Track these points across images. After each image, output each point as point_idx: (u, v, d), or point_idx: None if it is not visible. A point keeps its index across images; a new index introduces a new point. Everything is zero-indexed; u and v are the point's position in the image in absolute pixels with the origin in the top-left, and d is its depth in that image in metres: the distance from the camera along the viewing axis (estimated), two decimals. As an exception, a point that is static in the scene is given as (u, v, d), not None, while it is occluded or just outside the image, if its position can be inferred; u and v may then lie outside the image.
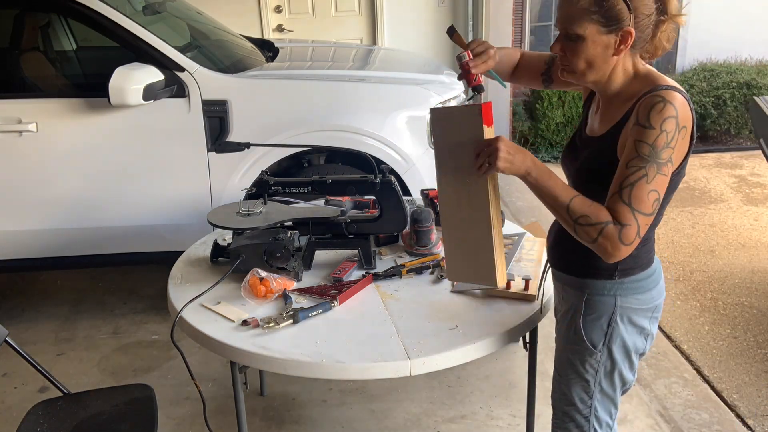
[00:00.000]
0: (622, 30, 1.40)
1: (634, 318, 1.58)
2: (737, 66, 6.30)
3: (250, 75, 3.24)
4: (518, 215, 4.57)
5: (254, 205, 2.18)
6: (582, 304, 1.59)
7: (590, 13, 1.40)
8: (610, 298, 1.56)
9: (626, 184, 1.38)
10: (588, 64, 1.45)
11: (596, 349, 1.60)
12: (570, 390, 1.67)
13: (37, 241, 3.18)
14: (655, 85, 1.43)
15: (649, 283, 1.58)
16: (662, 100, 1.37)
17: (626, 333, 1.58)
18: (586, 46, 1.43)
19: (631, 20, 1.39)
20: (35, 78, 3.38)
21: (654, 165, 1.37)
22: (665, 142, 1.37)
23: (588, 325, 1.59)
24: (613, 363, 1.61)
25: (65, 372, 3.01)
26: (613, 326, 1.57)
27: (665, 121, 1.36)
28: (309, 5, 5.66)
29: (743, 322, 3.27)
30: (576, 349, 1.63)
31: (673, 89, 1.40)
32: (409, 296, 1.92)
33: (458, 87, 3.53)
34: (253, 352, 1.68)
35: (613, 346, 1.59)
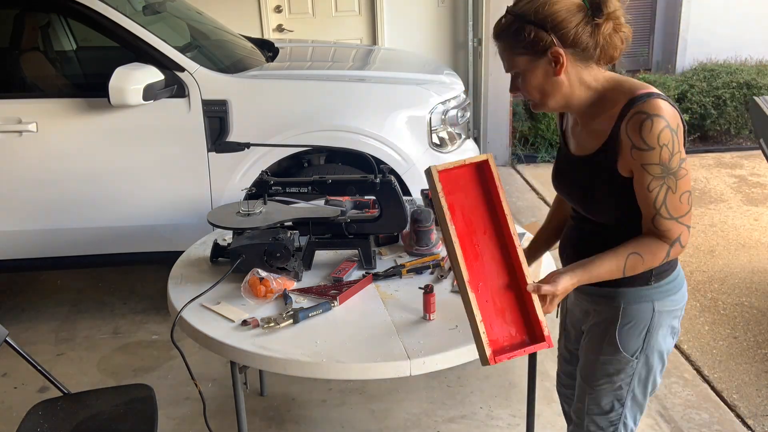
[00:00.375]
0: (549, 52, 1.41)
1: (669, 320, 1.57)
2: (737, 66, 6.30)
3: (250, 75, 3.24)
4: (518, 215, 4.57)
5: (254, 205, 2.18)
6: (618, 314, 1.56)
7: (514, 50, 1.44)
8: (648, 304, 1.55)
9: (659, 204, 1.42)
10: (540, 92, 1.47)
11: (633, 357, 1.57)
12: (600, 399, 1.64)
13: (37, 241, 3.18)
14: (631, 95, 1.41)
15: (678, 283, 1.58)
16: (648, 117, 1.37)
17: (662, 337, 1.57)
18: (528, 79, 1.45)
19: (552, 40, 1.40)
20: (35, 78, 3.38)
21: (671, 176, 1.40)
22: (670, 153, 1.39)
23: (625, 334, 1.56)
24: (649, 369, 1.60)
25: (65, 372, 3.01)
26: (651, 333, 1.55)
27: (660, 135, 1.37)
28: (309, 5, 5.66)
29: (743, 322, 3.27)
30: (611, 359, 1.59)
31: (651, 96, 1.39)
32: (409, 296, 1.92)
33: (458, 87, 3.53)
34: (253, 352, 1.68)
35: (650, 352, 1.57)
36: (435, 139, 3.29)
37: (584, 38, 1.40)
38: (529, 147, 5.91)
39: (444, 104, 3.31)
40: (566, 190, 1.62)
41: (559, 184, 1.64)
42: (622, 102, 1.43)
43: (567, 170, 1.61)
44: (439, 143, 3.31)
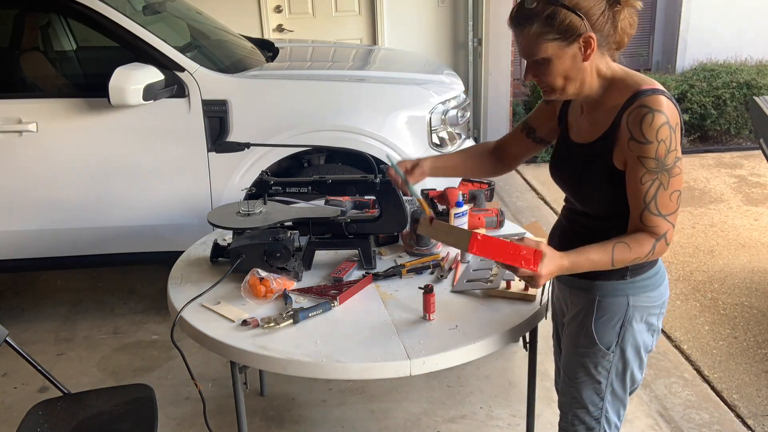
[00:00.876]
0: (582, 37, 1.41)
1: (646, 316, 1.58)
2: (737, 66, 6.30)
3: (250, 75, 3.24)
4: (518, 215, 4.57)
5: (254, 205, 2.18)
6: (594, 307, 1.58)
7: (545, 35, 1.41)
8: (623, 298, 1.56)
9: (649, 198, 1.43)
10: (564, 78, 1.46)
11: (609, 351, 1.59)
12: (581, 393, 1.66)
13: (37, 241, 3.18)
14: (636, 89, 1.43)
15: (657, 280, 1.59)
16: (649, 111, 1.39)
17: (638, 332, 1.58)
18: (555, 65, 1.44)
19: (586, 25, 1.40)
20: (35, 78, 3.38)
21: (664, 172, 1.42)
22: (666, 149, 1.41)
23: (600, 327, 1.58)
24: (625, 363, 1.61)
25: (65, 372, 3.01)
26: (626, 327, 1.57)
27: (659, 130, 1.39)
28: (309, 5, 5.66)
29: (743, 322, 3.27)
30: (587, 352, 1.61)
31: (655, 92, 1.41)
32: (409, 296, 1.92)
33: (458, 87, 3.53)
34: (253, 352, 1.68)
35: (626, 346, 1.59)
36: (435, 139, 3.29)
37: (607, 25, 1.42)
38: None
39: (444, 104, 3.31)
40: (561, 176, 1.63)
41: (555, 170, 1.65)
42: (626, 94, 1.44)
43: (564, 156, 1.62)
44: (439, 143, 3.31)
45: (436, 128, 3.28)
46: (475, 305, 1.85)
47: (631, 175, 1.45)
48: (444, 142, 3.33)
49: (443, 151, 3.33)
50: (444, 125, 3.32)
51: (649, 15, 7.06)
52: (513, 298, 1.88)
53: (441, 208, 2.36)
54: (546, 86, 1.50)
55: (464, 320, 1.78)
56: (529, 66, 1.49)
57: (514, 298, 1.88)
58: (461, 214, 2.24)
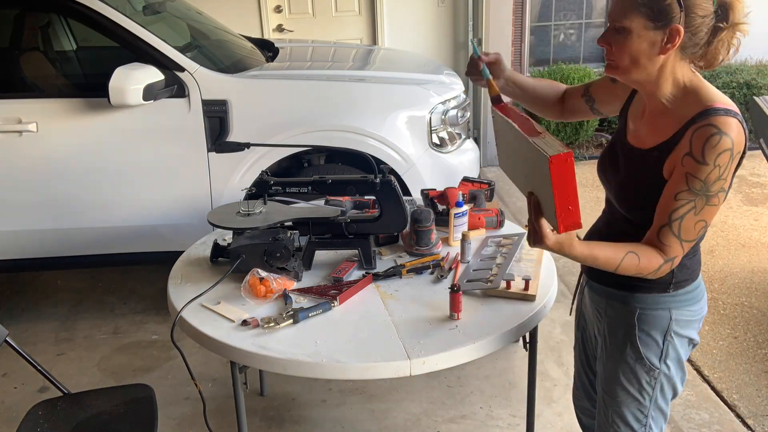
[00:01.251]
0: (669, 27, 1.33)
1: (687, 330, 1.55)
2: (737, 66, 6.30)
3: (250, 75, 3.24)
4: (518, 215, 4.57)
5: (254, 205, 2.18)
6: (635, 319, 1.54)
7: (639, 5, 1.33)
8: (665, 311, 1.53)
9: (675, 217, 1.38)
10: (632, 60, 1.38)
11: (654, 366, 1.56)
12: (623, 411, 1.61)
13: (37, 241, 3.18)
14: (709, 106, 1.36)
15: (698, 294, 1.56)
16: (718, 132, 1.32)
17: (680, 346, 1.56)
18: (631, 40, 1.36)
19: (681, 18, 1.32)
20: (35, 78, 3.38)
21: (703, 198, 1.36)
22: (717, 176, 1.34)
23: (643, 341, 1.55)
24: (669, 377, 1.58)
25: (65, 372, 3.01)
26: (669, 340, 1.54)
27: (720, 156, 1.33)
28: (309, 5, 5.66)
29: (743, 322, 3.27)
30: (632, 367, 1.57)
31: (728, 113, 1.34)
32: (409, 296, 1.92)
33: (458, 87, 3.53)
34: (253, 352, 1.68)
35: (670, 360, 1.56)
36: (435, 139, 3.29)
37: (702, 33, 1.35)
38: (529, 147, 5.91)
39: (444, 104, 3.31)
40: (610, 178, 1.57)
41: (605, 171, 1.60)
42: (697, 108, 1.37)
43: (617, 158, 1.55)
44: (439, 143, 3.31)
45: (436, 128, 3.28)
46: (475, 305, 1.85)
47: (669, 188, 1.39)
48: (444, 142, 3.33)
49: (443, 150, 3.33)
50: (444, 125, 3.32)
51: (649, 15, 7.05)
52: (513, 298, 1.88)
53: (441, 208, 2.36)
54: (612, 59, 1.42)
55: (464, 320, 1.78)
56: (608, 31, 1.40)
57: (514, 298, 1.88)
58: (461, 214, 2.24)
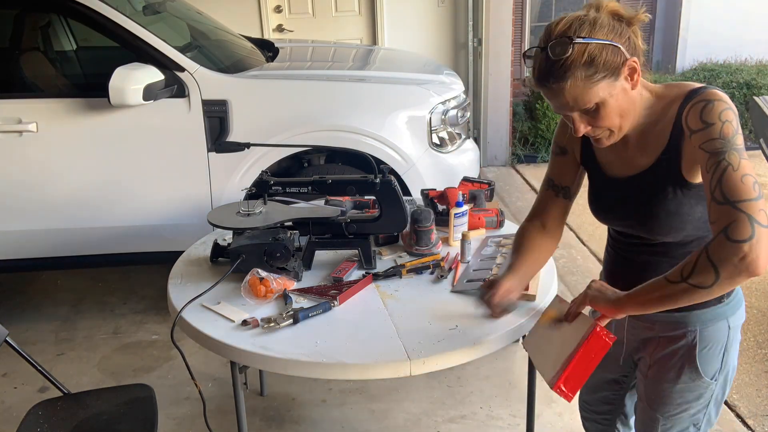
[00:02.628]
0: (626, 65, 1.30)
1: (738, 334, 1.50)
2: (737, 66, 6.31)
3: (250, 75, 3.24)
4: (518, 215, 4.57)
5: (254, 205, 2.18)
6: (696, 339, 1.46)
7: (592, 79, 1.28)
8: (723, 322, 1.45)
9: (713, 184, 1.22)
10: (622, 116, 1.34)
11: (713, 380, 1.49)
12: (675, 427, 1.56)
13: (37, 241, 3.18)
14: (687, 92, 1.34)
15: (740, 292, 1.49)
16: (708, 101, 1.28)
17: (734, 352, 1.50)
18: (610, 105, 1.32)
19: (623, 52, 1.29)
20: (35, 78, 3.39)
21: (733, 151, 1.22)
22: (734, 129, 1.25)
23: (704, 359, 1.47)
24: (724, 387, 1.53)
25: (65, 372, 3.01)
26: (727, 351, 1.48)
27: (722, 113, 1.26)
28: (309, 5, 5.66)
29: (743, 322, 3.27)
30: (690, 386, 1.50)
31: (708, 87, 1.31)
32: (409, 296, 1.92)
33: (458, 87, 3.53)
34: (253, 352, 1.68)
35: (728, 369, 1.50)
36: (435, 139, 3.29)
37: (637, 43, 1.33)
38: (529, 147, 5.92)
39: (444, 104, 3.31)
40: (619, 216, 1.49)
41: (607, 213, 1.52)
42: (678, 102, 1.34)
43: (614, 195, 1.49)
44: (439, 143, 3.31)
45: (436, 128, 3.28)
46: (475, 305, 1.85)
47: (702, 173, 1.26)
48: (444, 142, 3.33)
49: (443, 151, 3.32)
50: (444, 125, 3.32)
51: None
52: (513, 298, 1.88)
53: (441, 208, 2.36)
54: (602, 133, 1.37)
55: (464, 320, 1.78)
56: (578, 118, 1.34)
57: (514, 298, 1.88)
58: (461, 214, 2.24)
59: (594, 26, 1.27)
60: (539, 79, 1.32)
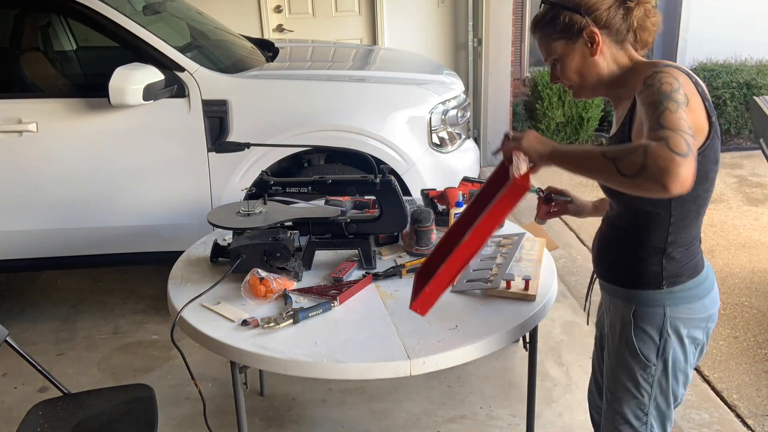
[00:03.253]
0: (584, 32, 1.46)
1: (687, 329, 1.52)
2: (737, 66, 6.30)
3: (250, 75, 3.24)
4: (518, 215, 4.57)
5: (254, 205, 2.18)
6: (631, 316, 1.54)
7: (550, 36, 1.50)
8: (659, 308, 1.51)
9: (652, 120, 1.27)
10: (579, 75, 1.52)
11: (650, 363, 1.54)
12: (623, 408, 1.61)
13: (37, 241, 3.18)
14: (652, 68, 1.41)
15: (699, 292, 1.53)
16: (657, 72, 1.37)
17: (679, 345, 1.53)
18: (566, 62, 1.51)
19: (587, 21, 1.45)
20: (35, 78, 3.39)
21: (670, 101, 1.28)
22: (670, 88, 1.31)
23: (639, 337, 1.54)
24: (667, 378, 1.56)
25: (65, 372, 3.01)
26: (665, 338, 1.52)
27: (662, 77, 1.34)
28: (309, 5, 5.66)
29: (743, 322, 3.27)
30: (629, 364, 1.57)
31: (671, 65, 1.39)
32: (409, 296, 1.92)
33: (458, 87, 3.53)
34: (253, 352, 1.68)
35: (668, 359, 1.54)
36: (435, 139, 3.29)
37: (617, 20, 1.46)
38: (529, 147, 5.91)
39: (444, 104, 3.31)
40: None
41: None
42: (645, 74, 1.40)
43: None
44: (439, 143, 3.31)
45: (436, 128, 3.28)
46: (475, 305, 1.85)
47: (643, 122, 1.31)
48: (444, 142, 3.33)
49: (443, 151, 3.32)
50: (444, 125, 3.32)
51: (649, 15, 7.04)
52: (513, 298, 1.88)
53: (441, 208, 2.36)
54: (566, 84, 1.56)
55: (464, 320, 1.78)
56: (551, 68, 1.56)
57: (514, 298, 1.88)
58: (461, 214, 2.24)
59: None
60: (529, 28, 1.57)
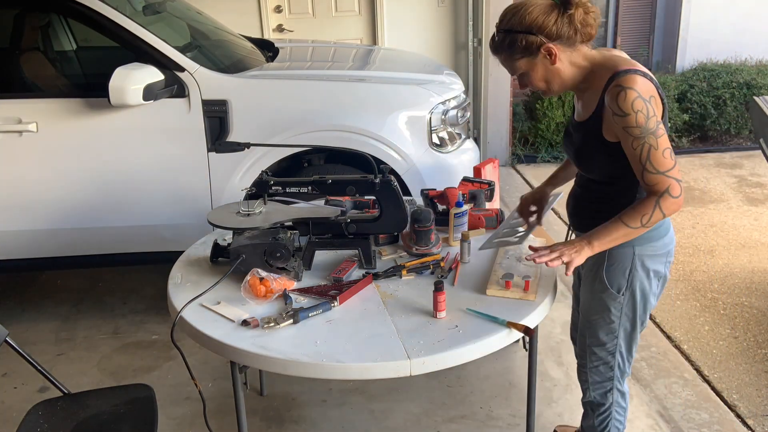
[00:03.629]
0: (541, 49, 1.70)
1: (650, 264, 1.82)
2: (737, 66, 6.30)
3: (250, 75, 3.24)
4: (518, 215, 4.57)
5: (254, 205, 2.18)
6: (605, 257, 1.82)
7: (513, 57, 1.74)
8: (629, 248, 1.79)
9: (643, 160, 1.65)
10: (545, 82, 1.76)
11: (620, 294, 1.84)
12: (596, 332, 1.92)
13: (38, 241, 3.18)
14: (614, 71, 1.67)
15: (660, 232, 1.81)
16: (622, 89, 1.63)
17: (645, 277, 1.83)
18: (532, 75, 1.75)
19: (541, 39, 1.68)
20: (35, 78, 3.38)
21: (650, 135, 1.64)
22: (645, 116, 1.63)
23: (611, 273, 1.83)
24: (634, 305, 1.86)
25: (65, 372, 3.01)
26: (633, 272, 1.82)
27: (633, 103, 1.62)
28: (309, 5, 5.66)
29: (743, 322, 3.27)
30: (601, 296, 1.87)
31: (628, 72, 1.64)
32: (409, 296, 1.92)
33: (458, 87, 3.53)
34: (253, 352, 1.68)
35: (635, 290, 1.83)
36: (435, 139, 3.29)
37: (564, 29, 1.69)
38: (529, 147, 5.92)
39: (444, 104, 3.31)
40: (567, 149, 1.91)
41: (564, 145, 1.95)
42: (606, 77, 1.69)
43: (570, 133, 1.89)
44: (439, 143, 3.31)
45: (436, 128, 3.28)
46: (476, 305, 1.86)
47: (624, 146, 1.68)
48: (444, 142, 3.33)
49: (443, 151, 3.32)
50: (444, 125, 3.32)
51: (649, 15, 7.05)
52: (513, 298, 1.88)
53: (441, 208, 2.36)
54: (535, 90, 1.82)
55: (464, 320, 1.78)
56: (519, 79, 1.80)
57: (514, 298, 1.88)
58: (461, 214, 2.24)
59: (522, 16, 1.69)
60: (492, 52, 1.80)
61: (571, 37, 1.70)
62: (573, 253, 1.71)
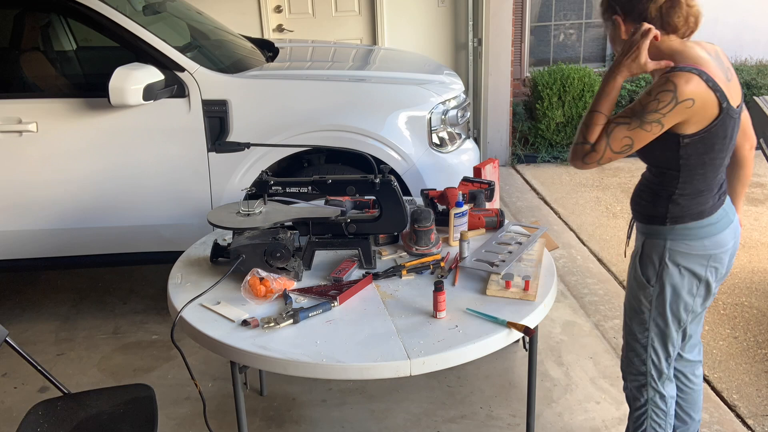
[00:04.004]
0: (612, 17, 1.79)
1: (683, 261, 1.80)
2: (737, 66, 6.30)
3: (250, 75, 3.24)
4: (518, 215, 4.57)
5: (254, 205, 2.18)
6: (641, 245, 1.87)
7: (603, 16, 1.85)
8: (661, 240, 1.81)
9: (613, 121, 1.71)
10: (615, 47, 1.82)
11: (649, 284, 1.85)
12: (631, 322, 1.95)
13: (37, 241, 3.18)
14: (676, 65, 1.65)
15: (701, 232, 1.78)
16: (668, 79, 1.62)
17: (677, 273, 1.81)
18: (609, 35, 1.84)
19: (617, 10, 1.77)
20: (35, 78, 3.38)
21: (638, 120, 1.66)
22: (655, 108, 1.63)
23: (643, 262, 1.86)
24: (664, 299, 1.84)
25: (65, 372, 3.01)
26: (664, 266, 1.81)
27: (662, 93, 1.62)
28: (309, 5, 5.66)
29: (743, 322, 3.27)
30: (633, 285, 1.91)
31: (684, 69, 1.62)
32: (409, 296, 1.92)
33: (458, 87, 3.53)
34: (253, 352, 1.68)
35: (664, 282, 1.82)
36: (435, 139, 3.29)
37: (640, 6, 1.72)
38: (529, 147, 5.92)
39: (444, 104, 3.31)
40: None
41: None
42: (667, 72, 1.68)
43: None
44: (439, 143, 3.31)
45: (436, 128, 3.28)
46: (475, 305, 1.86)
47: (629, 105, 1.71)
48: (444, 142, 3.33)
49: (443, 151, 3.33)
50: (444, 125, 3.32)
51: (649, 15, 7.04)
52: (513, 298, 1.88)
53: (441, 208, 2.36)
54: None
55: (464, 320, 1.78)
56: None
57: (514, 298, 1.88)
58: (461, 214, 2.24)
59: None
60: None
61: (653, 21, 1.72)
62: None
